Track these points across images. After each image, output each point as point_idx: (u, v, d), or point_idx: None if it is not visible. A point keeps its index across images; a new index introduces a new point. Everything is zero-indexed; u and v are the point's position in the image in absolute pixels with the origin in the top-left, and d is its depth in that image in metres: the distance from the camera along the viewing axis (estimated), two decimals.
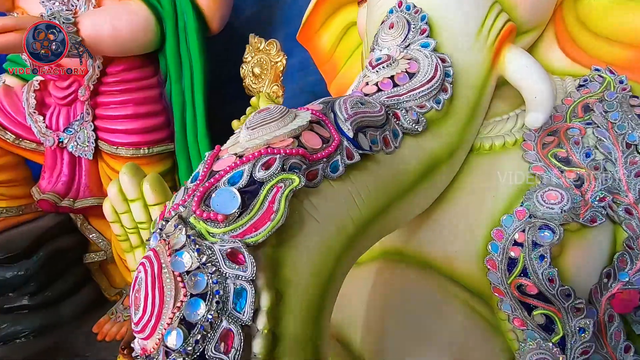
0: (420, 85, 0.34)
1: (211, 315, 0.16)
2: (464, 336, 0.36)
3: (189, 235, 0.17)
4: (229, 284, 0.16)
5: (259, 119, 0.22)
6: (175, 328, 0.15)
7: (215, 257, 0.17)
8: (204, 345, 0.16)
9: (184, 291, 0.16)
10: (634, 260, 0.35)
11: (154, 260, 0.17)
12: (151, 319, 0.16)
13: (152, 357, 0.16)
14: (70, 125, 1.09)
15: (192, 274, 0.16)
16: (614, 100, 0.41)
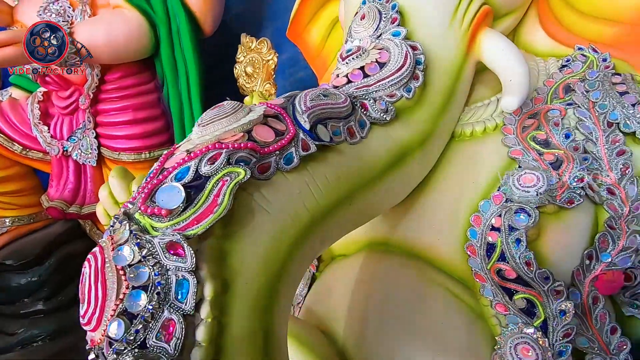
0: (390, 75, 0.34)
1: (152, 306, 0.17)
2: (445, 324, 0.36)
3: (132, 230, 0.18)
4: (171, 275, 0.17)
5: (210, 115, 0.22)
6: (117, 319, 0.16)
7: (155, 250, 0.17)
8: (145, 334, 0.16)
9: (126, 284, 0.17)
10: (616, 240, 0.34)
11: (98, 256, 0.17)
12: (95, 312, 0.17)
13: (100, 348, 0.17)
14: (73, 134, 1.12)
15: (134, 267, 0.17)
16: (596, 79, 0.40)
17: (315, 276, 0.51)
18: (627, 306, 0.37)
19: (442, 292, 0.38)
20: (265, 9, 1.16)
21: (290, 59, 0.88)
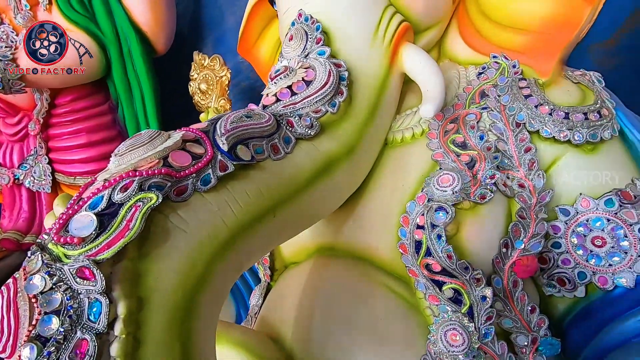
0: (315, 92, 0.37)
1: (64, 328, 0.18)
2: (385, 319, 0.39)
3: (44, 260, 0.19)
4: (83, 298, 0.19)
5: (127, 145, 0.24)
6: (29, 344, 0.17)
7: (65, 277, 0.19)
8: (58, 355, 0.18)
9: (38, 310, 0.18)
10: (527, 228, 0.38)
11: (11, 287, 0.19)
12: (9, 339, 0.18)
13: None
14: (24, 161, 1.09)
15: (46, 294, 0.18)
16: (505, 85, 0.45)
17: (270, 286, 0.53)
18: (546, 287, 0.41)
19: (382, 289, 0.41)
20: (201, 22, 1.17)
21: (232, 68, 0.90)
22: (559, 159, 0.41)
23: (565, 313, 0.41)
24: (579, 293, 0.39)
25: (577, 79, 0.45)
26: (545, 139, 0.41)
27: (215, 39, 1.14)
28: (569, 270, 0.39)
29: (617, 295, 0.37)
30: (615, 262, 0.37)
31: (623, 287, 0.36)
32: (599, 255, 0.37)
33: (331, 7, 0.42)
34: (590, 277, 0.38)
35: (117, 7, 1.00)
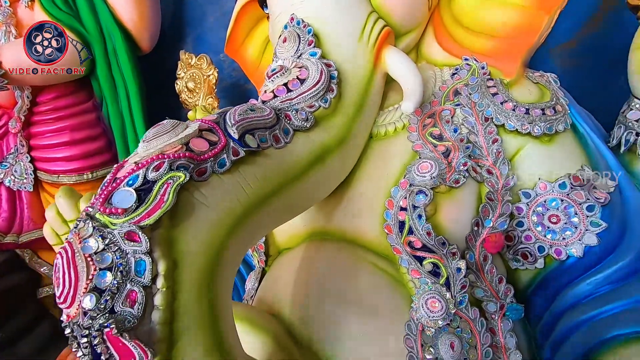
0: (309, 89, 0.41)
1: (116, 282, 0.22)
2: (373, 292, 0.44)
3: (94, 226, 0.22)
4: (130, 257, 0.22)
5: (153, 132, 0.28)
6: (89, 294, 0.21)
7: (115, 239, 0.22)
8: (113, 303, 0.21)
9: (93, 267, 0.22)
10: (494, 209, 0.44)
11: (68, 249, 0.22)
12: (70, 292, 0.21)
13: (75, 320, 0.21)
14: (4, 160, 1.08)
15: (100, 254, 0.22)
16: (475, 84, 0.51)
17: (265, 271, 0.57)
18: (512, 261, 0.47)
19: (369, 267, 0.46)
20: (182, 21, 1.20)
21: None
22: (521, 149, 0.47)
23: (528, 284, 0.47)
24: (539, 265, 0.45)
25: (537, 80, 0.52)
26: (510, 131, 0.47)
27: (196, 38, 1.16)
28: (530, 246, 0.45)
29: (569, 264, 0.43)
30: (567, 235, 0.43)
31: (574, 257, 0.43)
32: (554, 230, 0.44)
33: (321, 12, 0.47)
34: (548, 249, 0.44)
35: (102, 5, 1.01)
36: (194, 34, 1.15)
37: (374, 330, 0.41)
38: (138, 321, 0.22)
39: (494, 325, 0.44)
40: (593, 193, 0.43)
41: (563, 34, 0.75)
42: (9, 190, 1.09)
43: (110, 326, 0.20)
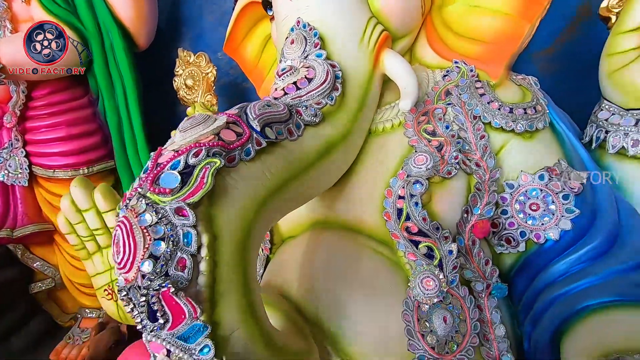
0: (316, 87, 0.45)
1: (169, 250, 0.25)
2: (373, 274, 0.48)
3: (147, 203, 0.26)
4: (179, 230, 0.26)
5: (187, 124, 0.31)
6: (147, 260, 0.25)
7: (167, 214, 0.26)
8: (167, 268, 0.25)
9: (149, 237, 0.25)
10: (482, 198, 0.49)
11: (126, 222, 0.25)
12: (129, 258, 0.25)
13: (133, 283, 0.25)
14: None
15: (154, 226, 0.25)
16: (465, 85, 0.56)
17: (269, 258, 0.61)
18: (497, 246, 0.52)
19: (369, 252, 0.50)
20: (180, 19, 1.22)
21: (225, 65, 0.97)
22: (506, 144, 0.52)
23: (511, 266, 0.53)
24: (520, 248, 0.51)
25: (519, 82, 0.58)
26: (495, 128, 0.52)
27: (194, 37, 1.19)
28: (513, 231, 0.51)
29: (547, 247, 0.49)
30: (545, 221, 0.49)
31: (552, 240, 0.48)
32: (534, 217, 0.49)
33: (325, 16, 0.51)
34: (529, 234, 0.50)
35: (99, 2, 1.02)
36: (192, 33, 1.18)
37: (375, 307, 0.46)
38: (188, 284, 0.25)
39: (481, 302, 0.49)
40: (568, 184, 0.49)
41: (542, 41, 0.82)
42: (2, 185, 1.09)
43: (168, 286, 0.24)
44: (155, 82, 1.12)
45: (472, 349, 0.46)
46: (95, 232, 0.56)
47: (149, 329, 0.26)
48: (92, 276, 0.59)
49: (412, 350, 0.44)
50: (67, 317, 1.28)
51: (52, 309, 1.27)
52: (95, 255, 0.58)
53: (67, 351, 1.13)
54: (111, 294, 0.57)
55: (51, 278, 1.22)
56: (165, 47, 1.17)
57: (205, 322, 0.26)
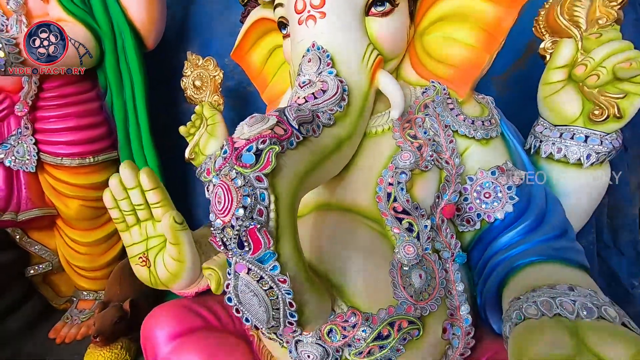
0: (329, 98, 0.59)
1: (252, 203, 0.38)
2: (368, 242, 0.63)
3: (237, 172, 0.39)
4: (257, 190, 0.39)
5: (252, 122, 0.45)
6: (240, 208, 0.38)
7: (250, 180, 0.39)
8: (251, 214, 0.38)
9: (240, 194, 0.38)
10: (449, 187, 0.65)
11: (224, 184, 0.38)
12: (228, 207, 0.38)
13: (229, 224, 0.38)
14: (5, 141, 1.14)
15: (242, 188, 0.39)
16: (439, 101, 0.72)
17: None
18: (460, 225, 0.69)
19: (365, 227, 0.65)
20: (190, 26, 1.33)
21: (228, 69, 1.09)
22: (468, 148, 0.69)
23: (470, 241, 0.69)
24: (477, 226, 0.67)
25: (480, 100, 0.75)
26: (461, 135, 0.69)
27: (202, 43, 1.30)
28: (472, 213, 0.68)
29: (495, 225, 0.66)
30: (495, 206, 0.66)
31: (498, 220, 0.65)
32: (487, 202, 0.66)
33: (335, 42, 0.65)
34: (483, 215, 0.66)
35: (114, 4, 1.12)
36: (200, 39, 1.29)
37: (369, 266, 0.61)
38: (264, 225, 0.39)
39: (447, 266, 0.65)
40: (511, 178, 0.66)
41: (499, 69, 1.01)
42: (7, 170, 1.15)
43: (254, 224, 0.37)
44: (162, 81, 1.23)
45: (440, 298, 0.62)
46: (137, 207, 0.67)
47: (238, 254, 0.39)
48: (128, 246, 0.70)
49: (396, 298, 0.59)
50: (61, 300, 1.34)
51: (47, 292, 1.32)
52: (133, 228, 0.69)
53: (67, 330, 1.21)
54: (145, 261, 0.68)
55: (49, 261, 1.28)
56: (171, 49, 1.27)
57: (274, 251, 0.40)
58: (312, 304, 0.46)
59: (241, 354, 0.71)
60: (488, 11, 0.69)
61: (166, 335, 0.70)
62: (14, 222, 1.13)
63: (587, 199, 0.69)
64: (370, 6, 0.67)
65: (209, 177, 0.40)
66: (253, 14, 0.93)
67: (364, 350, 0.57)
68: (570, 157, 0.67)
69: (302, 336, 0.58)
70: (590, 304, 0.44)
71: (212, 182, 0.39)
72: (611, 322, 0.42)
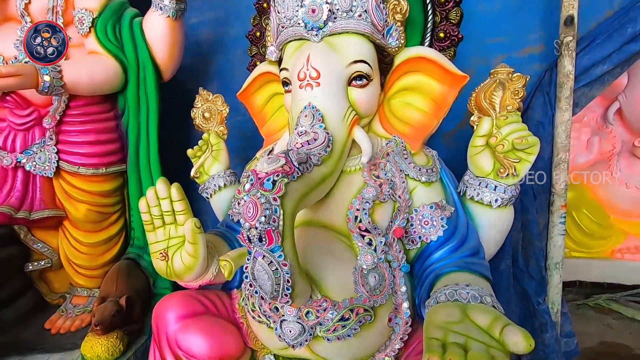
0: (319, 145, 0.85)
1: (270, 213, 0.62)
2: (339, 251, 0.87)
3: (261, 194, 0.63)
4: (273, 206, 0.63)
5: (269, 160, 0.69)
6: (262, 216, 0.61)
7: (269, 199, 0.62)
8: (269, 220, 0.61)
9: (262, 207, 0.61)
10: (400, 215, 0.91)
11: (253, 200, 0.62)
12: (254, 215, 0.61)
13: (254, 226, 0.61)
14: (29, 148, 1.31)
15: (264, 204, 0.62)
16: (397, 151, 0.99)
17: None
18: (407, 244, 0.95)
19: (337, 240, 0.89)
20: (212, 69, 1.59)
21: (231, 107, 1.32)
22: (415, 187, 0.96)
23: (413, 256, 0.95)
24: (418, 245, 0.93)
25: (427, 153, 1.03)
26: (411, 178, 0.96)
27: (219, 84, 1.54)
28: (415, 236, 0.94)
29: (430, 245, 0.92)
30: (431, 230, 0.92)
31: (433, 241, 0.92)
32: (426, 228, 0.92)
33: (325, 104, 0.91)
34: (423, 237, 0.93)
35: (141, 42, 1.35)
36: (218, 82, 1.53)
37: (339, 269, 0.84)
38: (276, 228, 0.62)
39: (395, 273, 0.90)
40: (444, 212, 0.93)
41: (445, 128, 1.31)
42: (25, 173, 1.32)
43: (269, 227, 0.61)
44: (174, 110, 1.45)
45: (388, 295, 0.86)
46: (165, 213, 0.87)
47: (258, 245, 0.62)
48: (151, 243, 0.89)
49: (357, 292, 0.83)
50: (55, 296, 1.47)
51: (42, 287, 1.46)
52: (159, 229, 0.89)
53: (62, 321, 1.35)
54: (165, 256, 0.88)
55: (49, 259, 1.42)
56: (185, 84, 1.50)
57: (280, 245, 0.63)
58: (300, 284, 0.69)
59: (233, 335, 0.92)
60: (437, 88, 0.98)
61: (175, 316, 0.89)
62: (27, 220, 1.28)
63: (495, 230, 0.97)
64: (352, 80, 0.94)
65: (241, 196, 0.63)
66: (260, 67, 1.19)
67: (331, 328, 0.80)
68: (484, 199, 0.96)
69: (286, 315, 0.80)
70: (477, 294, 0.70)
71: (244, 199, 0.63)
72: (486, 305, 0.68)
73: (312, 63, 0.89)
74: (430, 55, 0.96)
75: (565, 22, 1.17)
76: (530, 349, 0.54)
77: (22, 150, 1.29)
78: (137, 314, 1.30)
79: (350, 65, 0.91)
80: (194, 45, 1.59)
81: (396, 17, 0.95)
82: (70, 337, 1.30)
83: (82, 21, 1.24)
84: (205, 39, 1.62)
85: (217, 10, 1.62)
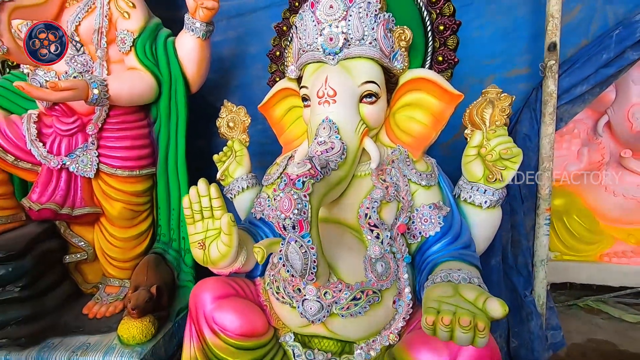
0: (336, 153, 1.02)
1: (301, 207, 0.78)
2: (351, 242, 1.03)
3: (294, 192, 0.79)
4: (304, 201, 0.79)
5: (299, 165, 0.85)
6: (295, 209, 0.78)
7: (300, 196, 0.79)
8: (300, 212, 0.78)
9: (296, 202, 0.78)
10: (403, 213, 1.08)
11: (288, 197, 0.78)
12: (289, 208, 0.78)
13: (289, 217, 0.78)
14: (73, 152, 1.48)
15: (297, 199, 0.78)
16: (401, 159, 1.16)
17: None
18: (409, 239, 1.11)
19: (349, 234, 1.06)
20: (233, 83, 1.77)
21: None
22: (417, 190, 1.12)
23: (415, 249, 1.11)
24: (418, 240, 1.10)
25: (427, 161, 1.20)
26: (413, 182, 1.12)
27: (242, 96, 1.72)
28: (416, 232, 1.10)
29: (429, 239, 1.08)
30: (429, 227, 1.08)
31: (432, 236, 1.08)
32: (425, 225, 1.09)
33: (340, 118, 1.08)
34: (423, 233, 1.09)
35: (174, 59, 1.53)
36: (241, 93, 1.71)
37: (352, 256, 1.01)
38: (306, 218, 0.78)
39: (398, 263, 1.06)
40: (441, 211, 1.10)
41: (444, 138, 1.49)
42: (69, 174, 1.49)
43: (301, 218, 0.77)
44: (200, 119, 1.62)
45: (392, 280, 1.02)
46: (204, 209, 1.04)
47: (291, 232, 0.79)
48: (191, 234, 1.06)
49: (367, 277, 0.99)
50: (89, 286, 1.64)
51: (77, 277, 1.62)
52: (198, 222, 1.06)
53: (98, 308, 1.51)
54: (202, 245, 1.04)
55: (85, 251, 1.59)
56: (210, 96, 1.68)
57: (309, 232, 0.79)
58: (322, 265, 0.86)
59: (260, 315, 1.08)
60: (436, 104, 1.15)
61: (211, 297, 1.05)
62: (69, 216, 1.45)
63: (484, 228, 1.14)
64: (363, 97, 1.11)
65: (277, 193, 0.80)
66: (280, 83, 1.37)
67: (345, 306, 0.96)
68: (476, 201, 1.12)
69: (307, 295, 0.96)
70: (466, 277, 0.87)
71: (280, 195, 0.80)
72: (474, 284, 0.85)
73: (329, 83, 1.07)
74: (430, 76, 1.13)
75: (549, 47, 1.35)
76: (505, 313, 0.70)
77: (66, 154, 1.46)
78: (165, 302, 1.46)
79: (362, 85, 1.08)
80: (217, 61, 1.77)
81: (401, 44, 1.13)
82: (105, 321, 1.45)
83: (124, 41, 1.42)
84: (227, 55, 1.80)
85: (239, 29, 1.80)
